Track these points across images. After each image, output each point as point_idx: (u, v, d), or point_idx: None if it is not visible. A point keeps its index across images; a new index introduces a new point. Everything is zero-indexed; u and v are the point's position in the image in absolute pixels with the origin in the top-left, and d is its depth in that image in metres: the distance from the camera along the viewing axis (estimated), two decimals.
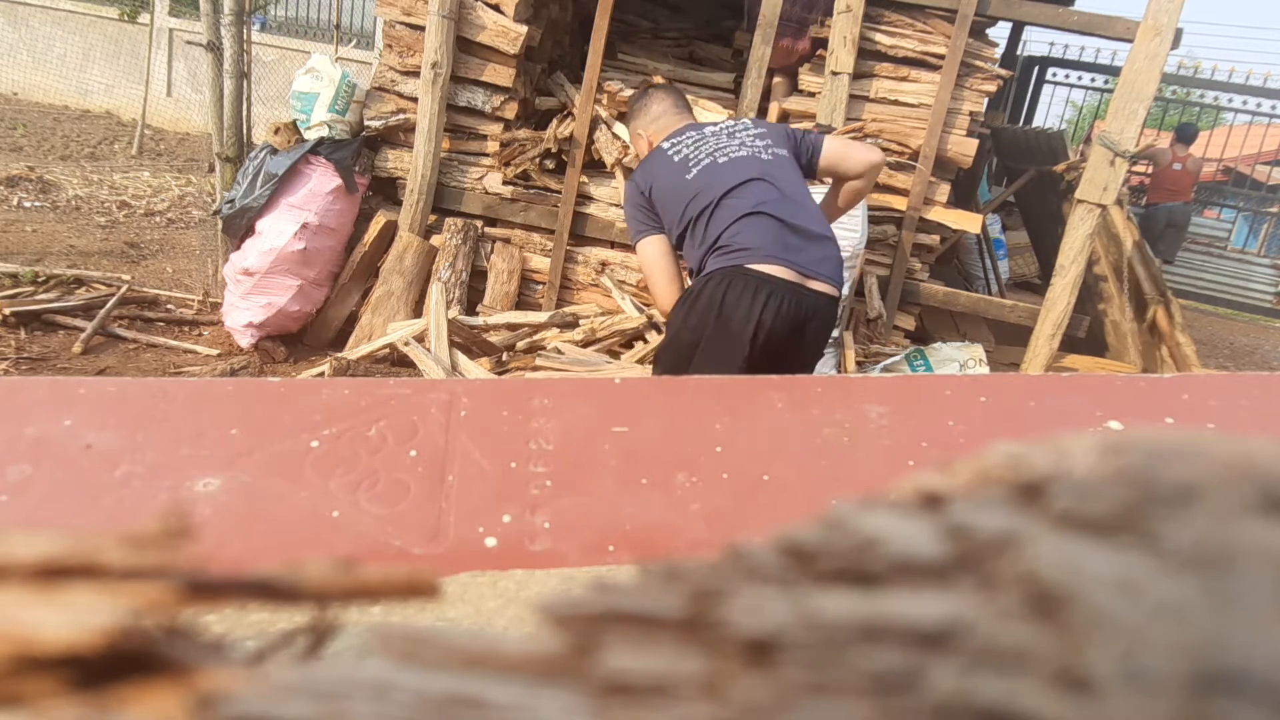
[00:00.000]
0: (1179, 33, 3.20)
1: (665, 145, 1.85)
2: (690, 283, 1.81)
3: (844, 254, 3.12)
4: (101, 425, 0.57)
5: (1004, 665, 0.13)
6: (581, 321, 3.30)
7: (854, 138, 3.42)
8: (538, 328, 3.30)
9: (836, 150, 1.91)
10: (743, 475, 0.59)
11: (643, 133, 1.99)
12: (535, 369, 2.97)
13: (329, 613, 0.20)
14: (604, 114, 3.59)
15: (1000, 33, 5.32)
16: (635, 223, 1.86)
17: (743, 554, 0.18)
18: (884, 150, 3.47)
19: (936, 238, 3.62)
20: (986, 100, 3.57)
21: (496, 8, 3.49)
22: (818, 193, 2.04)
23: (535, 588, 0.49)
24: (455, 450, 0.59)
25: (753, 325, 1.64)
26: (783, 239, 1.68)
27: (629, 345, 3.29)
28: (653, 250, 1.84)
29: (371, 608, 0.44)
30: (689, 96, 3.65)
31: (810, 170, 1.90)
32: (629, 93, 3.57)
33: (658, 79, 3.64)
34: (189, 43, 6.77)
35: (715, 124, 1.91)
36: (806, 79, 3.63)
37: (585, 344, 3.17)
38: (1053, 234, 4.37)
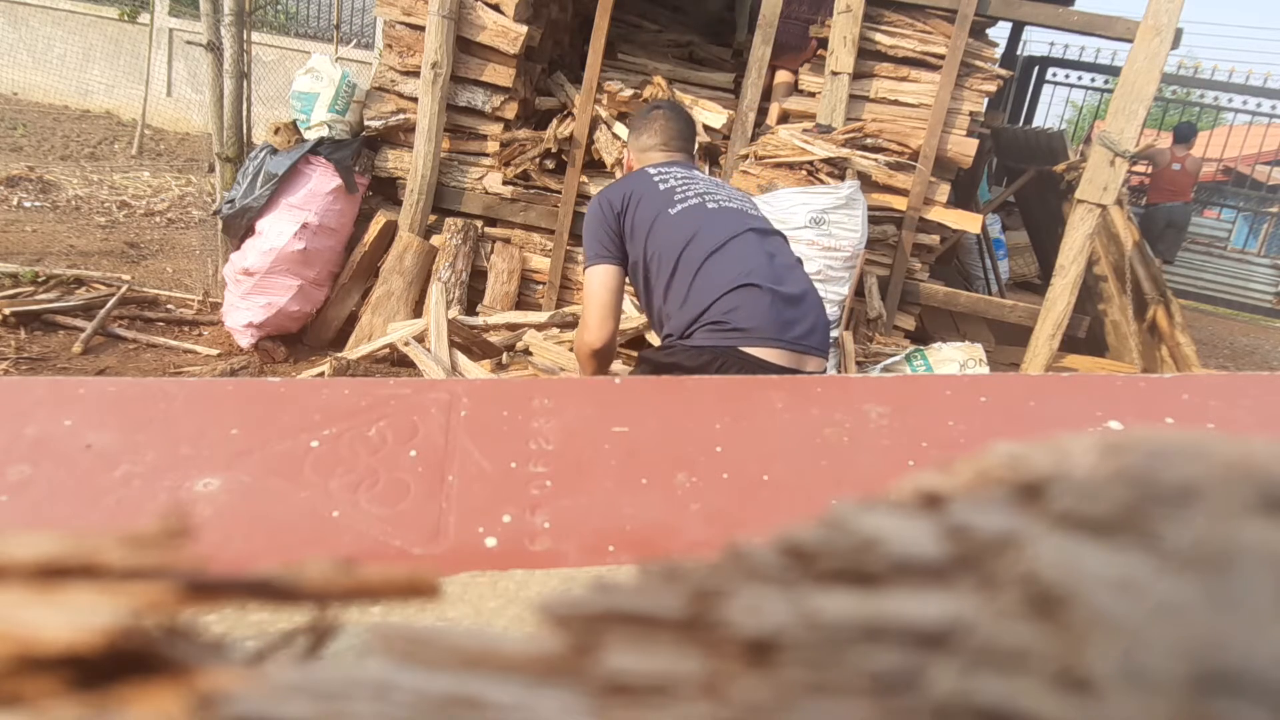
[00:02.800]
0: (1179, 33, 3.20)
1: (651, 170, 1.77)
2: (657, 337, 1.71)
3: (844, 254, 3.13)
4: (101, 425, 0.57)
5: (1004, 665, 0.13)
6: None
7: (852, 139, 3.42)
8: (538, 328, 3.30)
9: None
10: (743, 475, 0.59)
11: (629, 154, 1.92)
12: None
13: (329, 613, 0.20)
14: (604, 114, 3.59)
15: (1000, 33, 5.32)
16: (596, 244, 1.72)
17: (743, 554, 0.18)
18: (884, 150, 3.48)
19: (936, 238, 3.62)
20: (986, 100, 3.57)
21: (496, 8, 3.49)
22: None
23: (535, 588, 0.49)
24: (455, 450, 0.59)
25: None
26: (776, 315, 1.60)
27: (629, 345, 3.29)
28: (607, 280, 1.70)
29: (371, 608, 0.44)
30: (689, 97, 3.66)
31: None
32: (629, 93, 3.57)
33: (659, 81, 3.64)
34: (189, 43, 6.77)
35: (703, 173, 1.84)
36: (806, 79, 3.63)
37: None
38: (1053, 234, 4.37)
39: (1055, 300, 3.42)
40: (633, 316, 3.34)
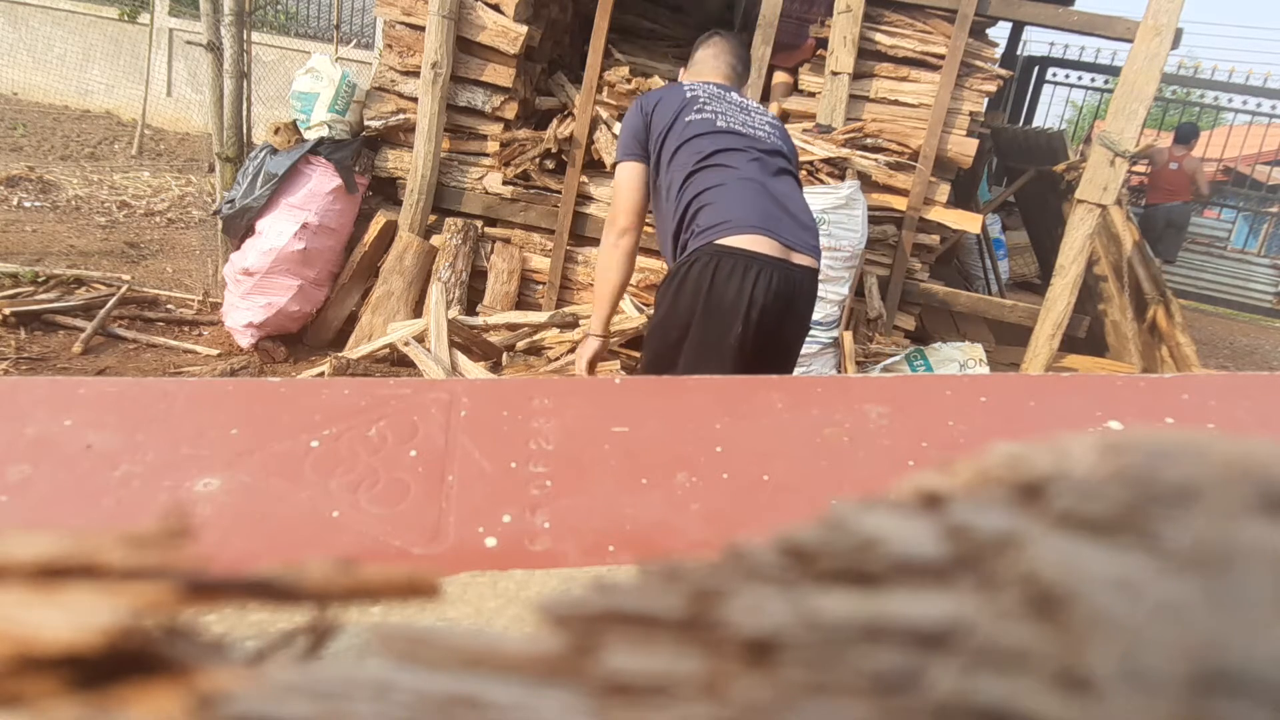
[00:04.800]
0: (1179, 33, 3.20)
1: (686, 85, 1.88)
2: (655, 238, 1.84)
3: (844, 254, 3.13)
4: (101, 425, 0.57)
5: (1004, 665, 0.13)
6: (581, 322, 3.30)
7: (852, 139, 3.42)
8: (538, 328, 3.30)
9: None
10: (743, 475, 0.59)
11: (682, 73, 2.03)
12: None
13: (329, 613, 0.20)
14: (604, 114, 3.59)
15: (1000, 33, 5.32)
16: (624, 143, 1.87)
17: (743, 554, 0.18)
18: (884, 150, 3.48)
19: (936, 238, 3.62)
20: (986, 100, 3.57)
21: (496, 8, 3.49)
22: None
23: (535, 588, 0.49)
24: (455, 450, 0.59)
25: (745, 303, 1.62)
26: (762, 207, 1.66)
27: (630, 345, 3.29)
28: (632, 175, 1.85)
29: (371, 608, 0.44)
30: None
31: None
32: (631, 85, 3.58)
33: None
34: (189, 43, 6.77)
35: (739, 97, 1.89)
36: (806, 79, 3.63)
37: None
38: (1053, 234, 4.37)
39: (1055, 300, 3.42)
40: (632, 316, 3.34)
